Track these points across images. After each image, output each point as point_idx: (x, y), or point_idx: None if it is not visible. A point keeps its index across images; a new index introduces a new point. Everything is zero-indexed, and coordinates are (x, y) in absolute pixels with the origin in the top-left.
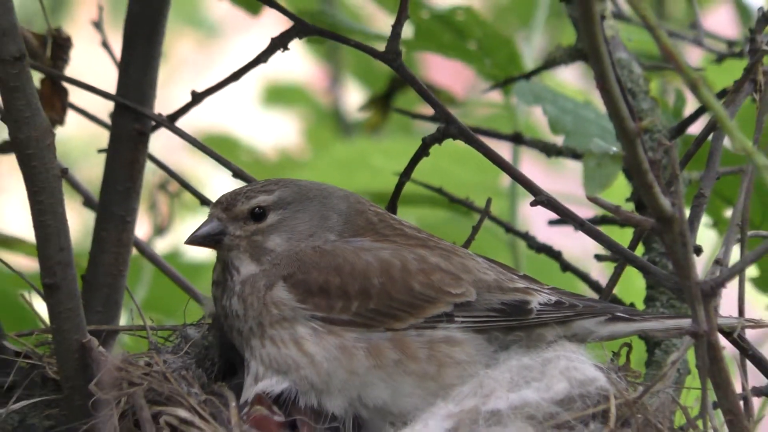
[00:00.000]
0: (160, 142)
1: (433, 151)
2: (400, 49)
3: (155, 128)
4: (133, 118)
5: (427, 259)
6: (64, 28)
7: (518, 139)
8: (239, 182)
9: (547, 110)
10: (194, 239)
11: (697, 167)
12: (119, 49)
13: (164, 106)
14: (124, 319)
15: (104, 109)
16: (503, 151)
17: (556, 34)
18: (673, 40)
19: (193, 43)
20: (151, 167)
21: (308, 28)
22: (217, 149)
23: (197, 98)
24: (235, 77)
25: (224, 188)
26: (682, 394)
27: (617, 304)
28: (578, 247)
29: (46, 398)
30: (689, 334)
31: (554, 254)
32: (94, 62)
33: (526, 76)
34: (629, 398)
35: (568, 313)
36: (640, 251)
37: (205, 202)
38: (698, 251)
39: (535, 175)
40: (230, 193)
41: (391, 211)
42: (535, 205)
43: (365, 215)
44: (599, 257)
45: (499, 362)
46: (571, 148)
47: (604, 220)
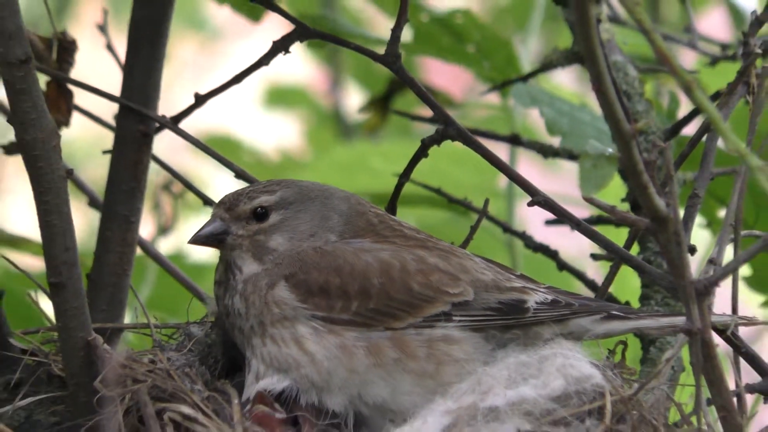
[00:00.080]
0: (163, 143)
1: (431, 152)
2: (399, 52)
3: (159, 130)
4: (137, 119)
5: (425, 259)
6: (69, 31)
7: (515, 140)
8: (241, 183)
9: (543, 112)
10: (198, 239)
11: (691, 168)
12: (123, 52)
13: (168, 108)
14: (128, 317)
15: (109, 111)
16: (500, 152)
17: (552, 37)
18: (667, 43)
19: (196, 45)
20: (154, 168)
21: (309, 31)
22: (219, 150)
23: (200, 100)
24: (237, 80)
25: (227, 189)
26: (676, 390)
27: (613, 302)
28: (574, 246)
29: (51, 395)
30: (683, 331)
31: (551, 254)
32: (98, 65)
33: (523, 78)
34: (624, 395)
35: (564, 311)
36: (635, 251)
37: (208, 202)
38: (692, 251)
39: (531, 175)
40: (233, 193)
41: (390, 211)
42: (532, 205)
43: (366, 217)
44: (595, 256)
45: (496, 360)
46: (567, 149)
47: (599, 220)
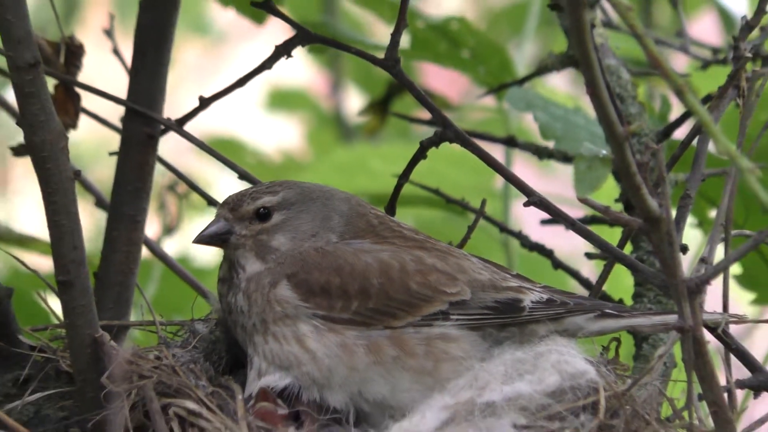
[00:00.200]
0: (168, 145)
1: (430, 153)
2: (398, 56)
3: (164, 132)
4: (143, 122)
5: (424, 260)
6: (76, 35)
7: (511, 142)
8: (245, 184)
9: (537, 117)
10: (202, 238)
11: (683, 169)
12: (130, 56)
13: (173, 110)
14: (134, 315)
15: (115, 113)
16: (497, 153)
17: (547, 41)
18: (659, 47)
19: (200, 50)
20: (160, 169)
21: (311, 36)
22: (223, 152)
23: (204, 103)
24: (240, 83)
25: (230, 189)
26: (668, 386)
27: (607, 300)
28: (569, 246)
29: (59, 390)
30: (675, 329)
31: (546, 253)
32: (105, 69)
33: (518, 82)
34: (618, 390)
35: (559, 310)
36: (628, 250)
37: (212, 202)
38: (684, 250)
39: (527, 176)
40: (236, 194)
41: (390, 211)
42: (528, 205)
43: (366, 218)
44: (589, 255)
45: (493, 357)
46: (562, 151)
47: (594, 220)
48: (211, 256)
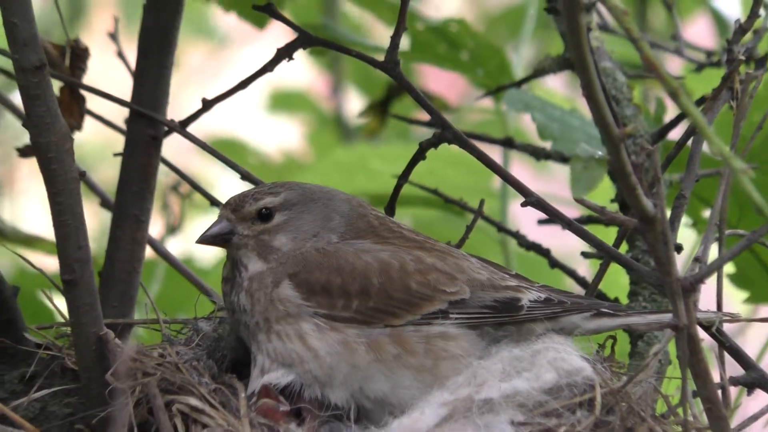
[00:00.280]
0: (172, 146)
1: (429, 154)
2: (398, 58)
3: (168, 133)
4: (147, 124)
5: (423, 260)
6: (81, 39)
7: (509, 143)
8: (247, 184)
9: (535, 118)
10: (205, 238)
11: (677, 170)
12: (134, 59)
13: (176, 112)
14: (138, 313)
15: (119, 115)
16: (494, 154)
17: (544, 44)
18: (654, 50)
19: (204, 52)
20: (163, 170)
21: (312, 39)
22: (225, 153)
23: (207, 105)
24: (243, 85)
25: (233, 190)
26: (663, 383)
27: (603, 299)
28: (565, 245)
29: (65, 387)
30: (670, 327)
31: (543, 252)
32: (110, 71)
33: (516, 84)
34: (614, 387)
35: (556, 309)
36: (624, 249)
37: (214, 203)
38: (679, 249)
39: (524, 177)
40: (239, 195)
41: (389, 211)
42: (525, 205)
43: (367, 219)
44: (585, 255)
45: (491, 354)
46: (558, 152)
47: (590, 219)
48: (212, 257)
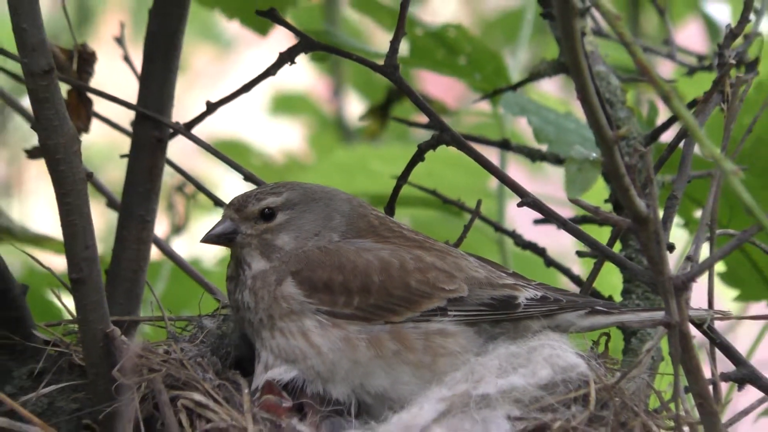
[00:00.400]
0: (177, 147)
1: (427, 156)
2: (397, 63)
3: (173, 135)
4: (152, 126)
5: (423, 258)
6: (89, 43)
7: (506, 145)
8: (250, 185)
9: (531, 121)
10: (209, 238)
11: (669, 171)
12: (140, 63)
13: (181, 115)
14: (144, 310)
15: (126, 118)
16: (491, 156)
17: (539, 49)
18: (647, 54)
19: (208, 56)
20: (169, 171)
21: (314, 43)
22: (229, 154)
23: (211, 108)
24: (246, 88)
25: (236, 190)
26: (656, 379)
27: (597, 297)
28: (560, 244)
29: (72, 383)
30: (663, 324)
31: (539, 251)
32: (116, 75)
33: (512, 87)
34: (608, 383)
35: (552, 307)
36: (617, 248)
37: (218, 203)
38: (671, 248)
39: (520, 178)
40: (242, 195)
41: (389, 211)
42: (521, 206)
43: (367, 218)
44: (580, 254)
45: (488, 351)
46: (554, 153)
47: (584, 219)
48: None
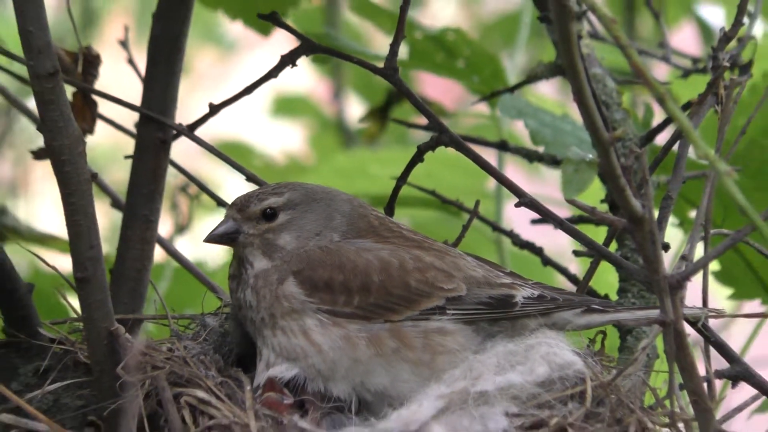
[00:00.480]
0: (180, 149)
1: (426, 157)
2: (397, 65)
3: (176, 137)
4: (156, 127)
5: (422, 258)
6: (93, 46)
7: (503, 146)
8: (252, 185)
9: (528, 124)
10: (212, 237)
11: (664, 172)
12: (144, 65)
13: (184, 116)
14: (148, 309)
15: (130, 119)
16: (489, 157)
17: (537, 52)
18: (642, 57)
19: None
20: (172, 172)
21: (315, 46)
22: (231, 155)
23: (214, 110)
24: (248, 91)
25: (238, 191)
26: (651, 376)
27: (593, 295)
28: (557, 244)
29: (77, 380)
30: (658, 322)
31: (536, 250)
32: (120, 77)
33: (510, 89)
34: (604, 380)
35: (549, 305)
36: (613, 248)
37: (221, 203)
38: (666, 248)
39: (518, 179)
40: (244, 195)
41: (388, 211)
42: (519, 206)
43: (367, 219)
44: (577, 253)
45: (486, 349)
46: (551, 154)
47: (581, 219)
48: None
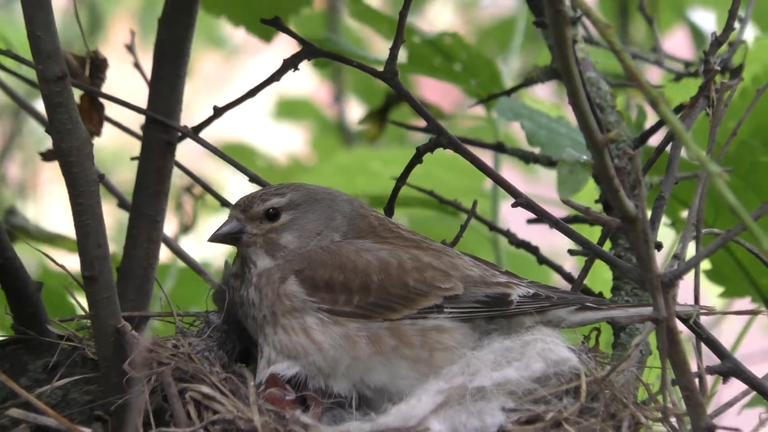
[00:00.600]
0: (185, 150)
1: (425, 158)
2: (396, 69)
3: (181, 139)
4: (161, 129)
5: (420, 258)
6: (100, 50)
7: (500, 148)
8: (255, 186)
9: (524, 125)
10: (216, 237)
11: (657, 173)
12: (149, 69)
13: (189, 119)
14: (154, 306)
15: (136, 121)
16: (486, 158)
17: (532, 55)
18: (635, 61)
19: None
20: (177, 173)
21: (316, 50)
22: (235, 157)
23: (218, 112)
24: (251, 94)
25: (242, 191)
26: (644, 372)
27: (587, 293)
28: (552, 243)
29: (85, 376)
30: (651, 320)
31: (532, 249)
32: (127, 81)
33: (506, 93)
34: (598, 376)
35: (544, 303)
36: (607, 247)
37: (225, 203)
38: (658, 247)
39: (514, 179)
40: (247, 196)
41: (388, 211)
42: (515, 206)
43: (367, 219)
44: (571, 252)
45: (483, 345)
46: (546, 156)
47: (575, 219)
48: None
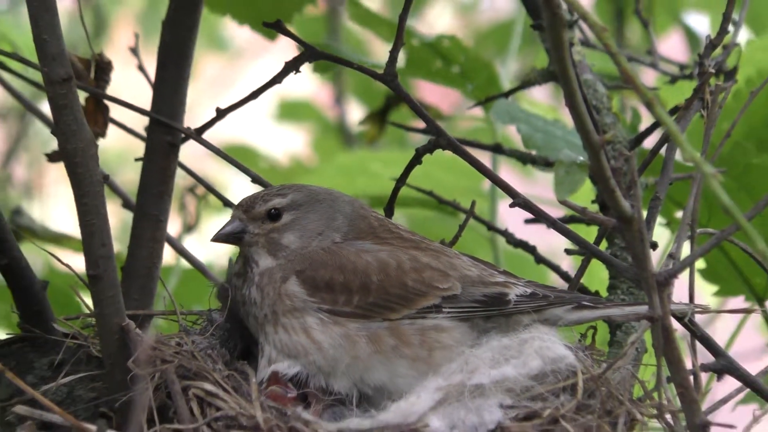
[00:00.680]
0: (188, 151)
1: (424, 159)
2: (396, 71)
3: (184, 140)
4: (165, 131)
5: (419, 258)
6: (105, 53)
7: (498, 149)
8: (257, 187)
9: (520, 129)
10: (219, 237)
11: (652, 174)
12: (153, 71)
13: (192, 120)
14: (157, 305)
15: (140, 123)
16: (484, 159)
17: (529, 58)
18: (631, 63)
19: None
20: (180, 174)
21: (317, 53)
22: (237, 158)
23: (221, 114)
24: (253, 96)
25: (244, 192)
26: (640, 370)
27: (584, 292)
28: (550, 243)
29: (90, 373)
30: (646, 318)
31: (529, 249)
32: (131, 83)
33: (503, 95)
34: (594, 373)
35: (541, 302)
36: (603, 246)
37: (227, 204)
38: (654, 246)
39: (512, 180)
40: (250, 196)
41: (388, 211)
42: (513, 206)
43: (367, 220)
44: (568, 251)
45: (481, 344)
46: (543, 157)
47: (572, 219)
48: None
